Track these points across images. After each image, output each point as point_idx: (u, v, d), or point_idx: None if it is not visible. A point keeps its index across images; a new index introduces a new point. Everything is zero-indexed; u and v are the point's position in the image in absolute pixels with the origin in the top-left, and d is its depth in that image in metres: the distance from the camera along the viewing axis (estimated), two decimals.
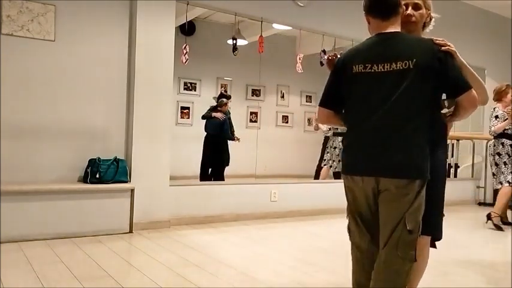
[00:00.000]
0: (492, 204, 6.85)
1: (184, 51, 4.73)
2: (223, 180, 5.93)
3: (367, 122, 1.85)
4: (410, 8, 2.03)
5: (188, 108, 7.49)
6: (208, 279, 2.88)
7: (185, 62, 4.74)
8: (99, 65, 4.16)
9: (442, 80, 1.82)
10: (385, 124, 1.82)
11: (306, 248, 3.88)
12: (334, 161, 6.40)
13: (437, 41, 1.89)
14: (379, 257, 1.86)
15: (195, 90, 7.59)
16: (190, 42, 4.92)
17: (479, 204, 7.02)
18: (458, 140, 7.44)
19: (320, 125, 6.55)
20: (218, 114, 6.16)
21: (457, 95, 1.86)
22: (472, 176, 7.30)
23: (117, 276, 2.81)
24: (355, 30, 5.85)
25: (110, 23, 4.21)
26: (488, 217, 5.03)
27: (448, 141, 8.30)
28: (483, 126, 7.32)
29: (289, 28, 5.52)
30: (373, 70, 1.85)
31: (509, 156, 4.98)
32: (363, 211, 1.93)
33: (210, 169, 6.22)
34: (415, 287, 2.13)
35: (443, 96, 1.93)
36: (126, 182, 4.12)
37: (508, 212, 5.27)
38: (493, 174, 5.09)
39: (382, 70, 1.83)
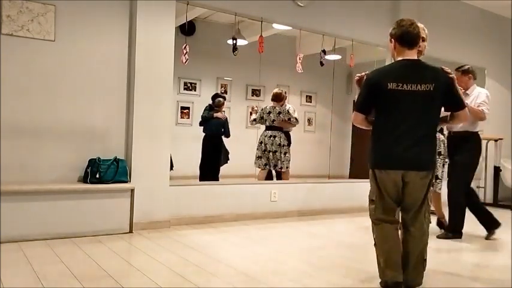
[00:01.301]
0: (492, 205, 6.87)
1: (184, 51, 4.73)
2: (218, 179, 5.94)
3: (401, 128, 2.51)
4: (420, 40, 2.69)
5: (188, 108, 7.49)
6: (208, 279, 2.88)
7: (185, 62, 4.74)
8: (99, 65, 4.16)
9: (449, 99, 2.59)
10: (416, 131, 2.51)
11: (306, 248, 3.88)
12: None
13: (445, 70, 2.64)
14: (412, 227, 2.62)
15: (195, 90, 7.59)
16: (190, 42, 4.92)
17: None
18: None
19: None
20: (219, 114, 6.16)
21: (457, 110, 2.66)
22: None
23: (117, 276, 2.80)
24: (355, 30, 5.89)
25: (110, 23, 4.21)
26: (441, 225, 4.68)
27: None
28: (483, 127, 7.31)
29: (289, 28, 5.52)
30: (403, 88, 2.48)
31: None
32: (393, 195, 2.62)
33: (209, 170, 6.22)
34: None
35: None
36: (126, 182, 4.12)
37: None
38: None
39: (411, 89, 2.48)
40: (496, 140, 6.94)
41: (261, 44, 5.16)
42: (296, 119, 5.87)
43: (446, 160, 4.58)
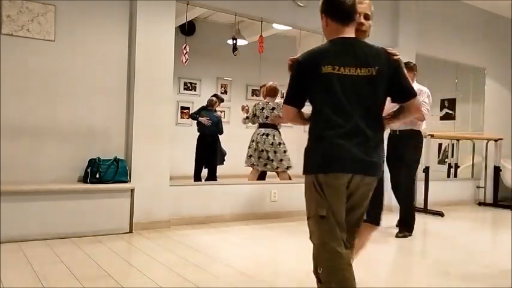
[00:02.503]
0: (492, 205, 6.88)
1: (184, 51, 4.73)
2: (216, 179, 5.94)
3: (337, 121, 1.94)
4: (362, 17, 2.23)
5: (188, 108, 7.50)
6: (208, 279, 2.87)
7: (185, 62, 4.74)
8: (99, 65, 4.16)
9: (395, 86, 2.04)
10: (360, 125, 1.94)
11: (306, 248, 3.87)
12: None
13: (390, 51, 2.09)
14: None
15: (195, 90, 7.60)
16: (190, 42, 4.92)
17: (479, 204, 7.01)
18: (458, 140, 7.44)
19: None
20: (203, 120, 6.15)
21: (405, 100, 2.07)
22: (472, 176, 7.30)
23: (117, 276, 2.80)
24: None
25: (110, 23, 4.22)
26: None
27: (448, 141, 8.34)
28: (483, 127, 7.33)
29: (289, 28, 5.52)
30: (341, 72, 1.94)
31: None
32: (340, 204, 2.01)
33: (205, 169, 6.23)
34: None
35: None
36: (126, 182, 4.12)
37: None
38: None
39: (349, 73, 1.95)
40: (496, 140, 6.93)
41: (261, 44, 5.15)
42: None
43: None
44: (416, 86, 4.23)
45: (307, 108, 2.08)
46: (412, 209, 4.48)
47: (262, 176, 5.59)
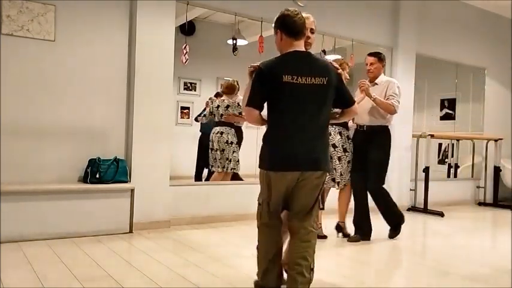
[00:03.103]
0: (492, 205, 6.88)
1: (184, 51, 4.73)
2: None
3: (298, 124, 2.31)
4: (309, 31, 2.60)
5: (188, 108, 7.49)
6: (208, 279, 2.87)
7: (185, 62, 4.74)
8: (99, 65, 4.16)
9: (340, 95, 2.44)
10: (311, 127, 2.33)
11: None
12: None
13: (334, 64, 2.53)
14: (300, 232, 2.40)
15: (195, 90, 7.59)
16: (190, 42, 4.92)
17: (479, 204, 7.01)
18: (458, 140, 7.44)
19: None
20: (202, 119, 6.15)
21: (348, 107, 2.51)
22: (472, 176, 7.30)
23: (117, 276, 2.80)
24: (355, 30, 5.89)
25: (110, 23, 4.21)
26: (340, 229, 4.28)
27: (448, 141, 8.33)
28: (483, 127, 7.33)
29: None
30: (298, 81, 2.28)
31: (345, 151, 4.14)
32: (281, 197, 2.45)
33: (206, 169, 6.22)
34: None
35: None
36: (126, 182, 4.12)
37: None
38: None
39: (306, 82, 2.29)
40: (496, 140, 6.94)
41: (261, 44, 5.15)
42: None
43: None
44: (384, 78, 4.19)
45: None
46: (392, 208, 4.17)
47: (235, 177, 5.50)
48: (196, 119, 6.41)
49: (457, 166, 7.39)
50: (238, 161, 5.41)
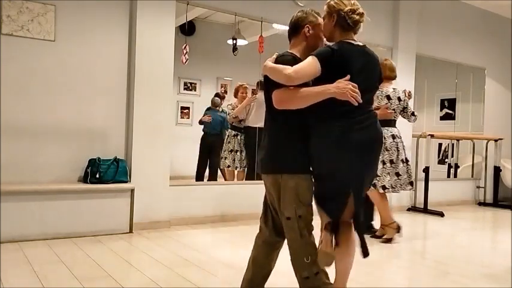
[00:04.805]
0: (492, 205, 6.88)
1: (184, 51, 4.73)
2: (216, 179, 5.93)
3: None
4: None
5: (188, 108, 7.48)
6: (208, 279, 2.88)
7: (185, 62, 4.74)
8: (99, 65, 4.16)
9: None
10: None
11: None
12: None
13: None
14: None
15: (195, 90, 7.58)
16: (190, 42, 4.92)
17: (479, 204, 7.01)
18: (458, 140, 7.44)
19: None
20: (205, 118, 6.17)
21: None
22: (472, 176, 7.29)
23: (117, 276, 2.81)
24: None
25: (110, 23, 4.21)
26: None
27: (448, 141, 8.32)
28: (483, 127, 7.33)
29: None
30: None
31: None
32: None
33: (208, 169, 6.21)
34: None
35: None
36: (126, 182, 4.12)
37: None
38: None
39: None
40: (496, 140, 6.94)
41: (261, 44, 5.15)
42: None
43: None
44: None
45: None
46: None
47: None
48: (200, 122, 6.40)
49: (457, 166, 7.39)
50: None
